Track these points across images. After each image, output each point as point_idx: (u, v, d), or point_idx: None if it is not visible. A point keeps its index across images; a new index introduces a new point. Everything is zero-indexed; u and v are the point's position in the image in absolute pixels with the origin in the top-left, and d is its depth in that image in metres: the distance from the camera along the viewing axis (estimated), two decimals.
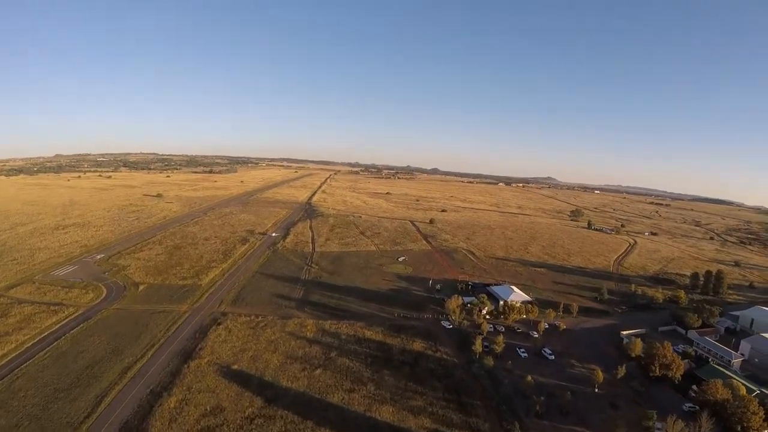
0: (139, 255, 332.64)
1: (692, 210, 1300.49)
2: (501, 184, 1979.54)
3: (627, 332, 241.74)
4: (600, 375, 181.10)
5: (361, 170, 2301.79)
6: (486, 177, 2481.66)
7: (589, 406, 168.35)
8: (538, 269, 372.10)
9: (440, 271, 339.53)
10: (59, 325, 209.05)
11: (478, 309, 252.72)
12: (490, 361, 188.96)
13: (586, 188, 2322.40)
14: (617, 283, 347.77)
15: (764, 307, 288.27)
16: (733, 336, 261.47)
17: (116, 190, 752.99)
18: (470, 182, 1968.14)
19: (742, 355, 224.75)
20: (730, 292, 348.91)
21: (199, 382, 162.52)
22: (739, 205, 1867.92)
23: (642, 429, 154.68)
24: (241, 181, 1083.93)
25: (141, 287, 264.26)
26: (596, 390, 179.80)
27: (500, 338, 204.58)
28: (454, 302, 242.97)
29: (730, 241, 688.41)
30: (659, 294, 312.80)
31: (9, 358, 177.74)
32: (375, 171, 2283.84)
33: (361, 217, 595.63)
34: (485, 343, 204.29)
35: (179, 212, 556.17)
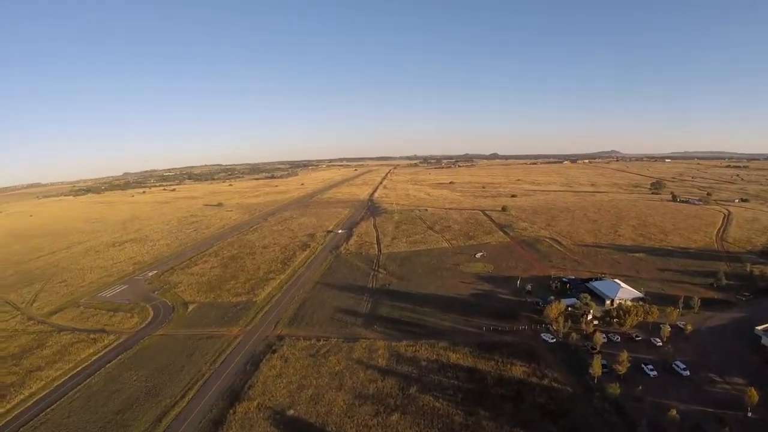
0: (192, 269, 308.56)
1: None
2: (566, 162, 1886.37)
3: (762, 328, 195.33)
4: (754, 395, 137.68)
5: (419, 162, 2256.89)
6: (548, 157, 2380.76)
7: None
8: (637, 255, 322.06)
9: (526, 267, 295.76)
10: (96, 356, 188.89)
11: (583, 314, 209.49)
12: (615, 389, 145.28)
13: (653, 158, 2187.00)
14: (728, 263, 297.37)
15: None
16: None
17: (178, 203, 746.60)
18: (534, 163, 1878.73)
19: None
20: None
21: None
22: None
23: None
24: (302, 184, 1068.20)
25: (191, 307, 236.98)
26: (749, 414, 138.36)
27: (624, 355, 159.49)
28: (554, 309, 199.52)
29: None
30: None
31: (35, 399, 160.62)
32: (434, 162, 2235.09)
33: (426, 210, 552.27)
34: (603, 362, 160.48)
35: (238, 220, 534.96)
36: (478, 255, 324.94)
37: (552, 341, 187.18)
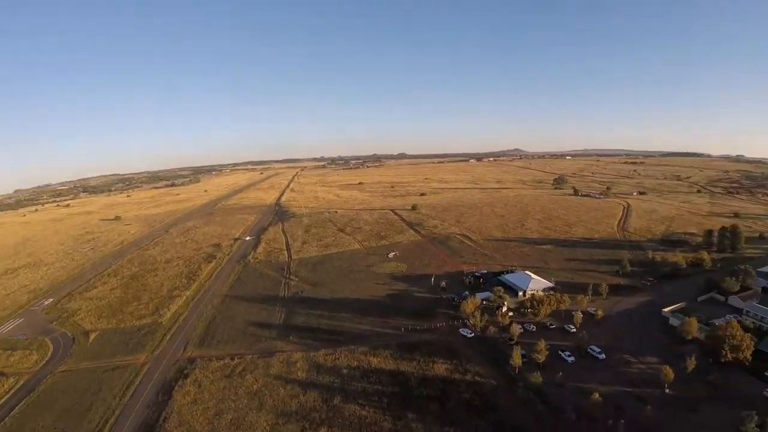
0: (91, 293, 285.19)
1: (667, 165, 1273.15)
2: (472, 160, 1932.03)
3: (668, 309, 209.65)
4: (669, 373, 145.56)
5: (327, 164, 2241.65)
6: (455, 156, 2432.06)
7: (668, 415, 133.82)
8: (544, 247, 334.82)
9: (439, 264, 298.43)
10: None
11: (498, 307, 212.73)
12: (537, 378, 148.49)
13: (555, 155, 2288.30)
14: (631, 251, 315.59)
15: None
16: None
17: (73, 219, 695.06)
18: (441, 162, 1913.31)
19: None
20: (745, 246, 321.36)
21: None
22: (708, 156, 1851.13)
23: None
24: (205, 191, 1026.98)
25: (92, 336, 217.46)
26: (667, 391, 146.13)
27: (542, 344, 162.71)
28: (470, 304, 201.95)
29: (718, 193, 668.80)
30: (680, 258, 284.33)
31: None
32: (342, 163, 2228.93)
33: (336, 212, 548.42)
34: (522, 352, 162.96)
35: (138, 234, 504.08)
36: (391, 255, 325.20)
37: (471, 336, 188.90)
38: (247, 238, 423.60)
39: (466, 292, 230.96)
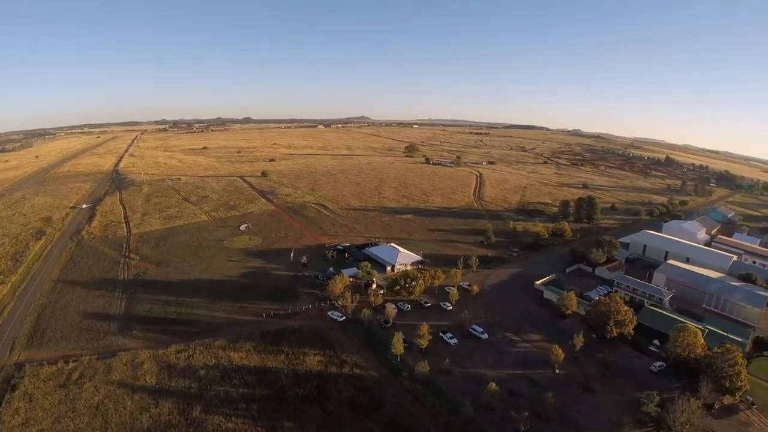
0: None
1: (511, 137, 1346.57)
2: (320, 126, 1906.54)
3: (541, 282, 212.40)
4: (560, 353, 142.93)
5: (169, 127, 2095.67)
6: (301, 121, 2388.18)
7: (565, 398, 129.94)
8: (405, 216, 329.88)
9: (296, 237, 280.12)
10: None
11: (367, 284, 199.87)
12: (424, 367, 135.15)
13: (402, 124, 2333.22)
14: (492, 221, 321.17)
15: (651, 231, 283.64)
16: (634, 266, 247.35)
17: None
18: (288, 128, 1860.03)
19: (671, 290, 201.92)
20: (600, 217, 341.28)
21: None
22: (548, 130, 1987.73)
23: (643, 415, 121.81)
24: (37, 157, 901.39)
25: None
26: (557, 371, 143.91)
27: (425, 328, 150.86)
28: (338, 283, 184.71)
29: (563, 164, 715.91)
30: (541, 228, 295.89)
31: None
32: (185, 126, 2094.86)
33: (180, 179, 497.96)
34: (403, 337, 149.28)
35: None
36: (243, 227, 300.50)
37: (341, 319, 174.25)
38: (83, 207, 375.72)
39: (331, 269, 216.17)
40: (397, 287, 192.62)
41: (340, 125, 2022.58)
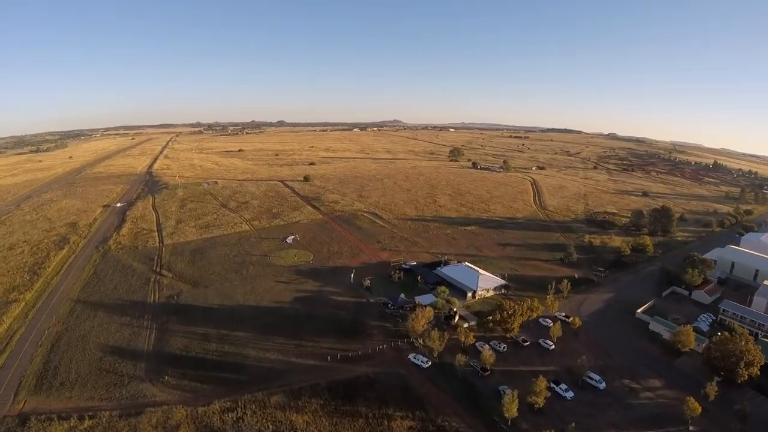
0: None
1: (551, 141, 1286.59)
2: (356, 129, 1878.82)
3: (642, 310, 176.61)
4: (696, 407, 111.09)
5: (204, 129, 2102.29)
6: (335, 125, 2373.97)
7: None
8: (469, 228, 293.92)
9: (353, 252, 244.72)
10: None
11: (449, 316, 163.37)
12: None
13: (437, 127, 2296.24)
14: (563, 234, 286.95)
15: (736, 247, 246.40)
16: (726, 288, 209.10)
17: None
18: (324, 130, 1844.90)
19: None
20: (675, 229, 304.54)
21: None
22: (585, 133, 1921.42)
23: None
24: (70, 157, 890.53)
25: None
26: (691, 429, 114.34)
27: (542, 383, 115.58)
28: (421, 318, 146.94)
29: (614, 170, 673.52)
30: (620, 243, 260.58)
31: None
32: (219, 129, 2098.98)
33: (217, 183, 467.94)
34: (505, 389, 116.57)
35: None
36: (290, 239, 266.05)
37: (427, 365, 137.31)
38: (114, 208, 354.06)
39: (402, 296, 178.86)
40: (490, 323, 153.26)
41: (375, 128, 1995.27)
